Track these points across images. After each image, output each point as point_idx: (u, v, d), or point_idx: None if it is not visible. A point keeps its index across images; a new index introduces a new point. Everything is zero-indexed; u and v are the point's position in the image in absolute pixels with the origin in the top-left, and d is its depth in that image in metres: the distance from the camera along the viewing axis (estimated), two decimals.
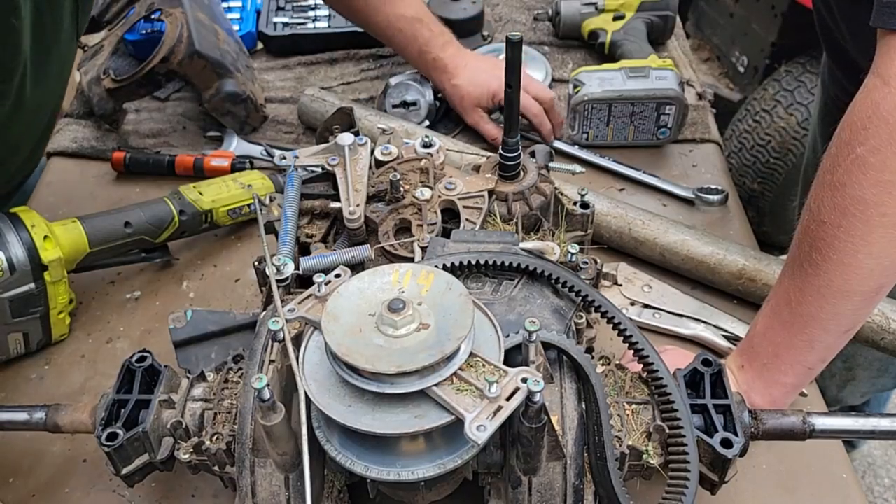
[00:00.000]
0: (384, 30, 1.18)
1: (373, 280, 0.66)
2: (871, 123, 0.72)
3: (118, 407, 0.78)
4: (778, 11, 2.42)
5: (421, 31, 1.19)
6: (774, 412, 0.78)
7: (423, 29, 1.19)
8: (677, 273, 1.12)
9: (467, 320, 0.61)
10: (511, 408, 0.59)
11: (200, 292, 1.15)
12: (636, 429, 0.75)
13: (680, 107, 1.29)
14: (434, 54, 1.21)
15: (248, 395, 0.72)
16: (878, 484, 2.20)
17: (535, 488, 0.69)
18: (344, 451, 0.64)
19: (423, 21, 1.19)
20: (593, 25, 1.50)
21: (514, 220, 0.88)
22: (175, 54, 1.27)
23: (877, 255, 0.75)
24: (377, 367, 0.58)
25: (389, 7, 1.16)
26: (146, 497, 0.90)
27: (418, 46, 1.19)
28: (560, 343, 0.72)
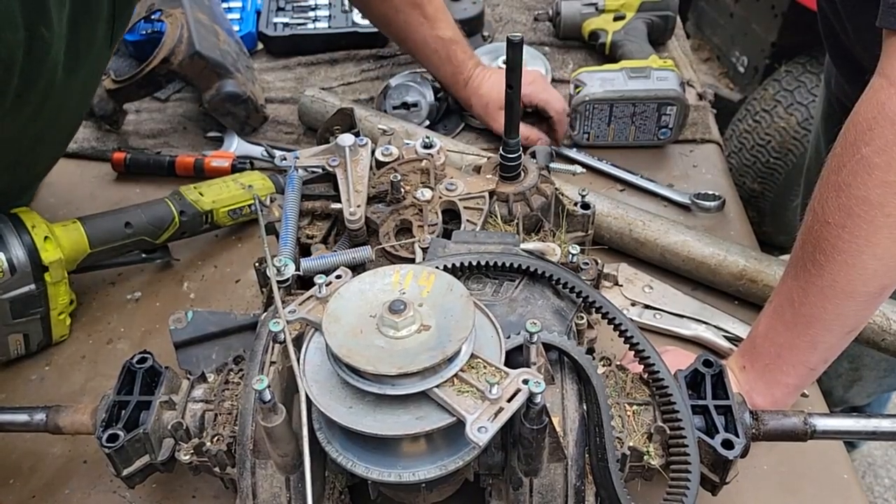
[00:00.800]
0: (421, 48, 1.22)
1: (374, 281, 0.66)
2: (876, 124, 0.72)
3: (119, 408, 0.78)
4: (778, 11, 2.43)
5: (456, 53, 1.24)
6: (775, 413, 0.78)
7: (458, 51, 1.24)
8: (678, 274, 1.11)
9: (468, 321, 0.61)
10: (512, 409, 0.59)
11: (201, 293, 1.15)
12: (637, 430, 0.75)
13: (681, 107, 1.29)
14: (466, 75, 1.26)
15: (248, 396, 0.72)
16: (878, 484, 2.20)
17: (536, 489, 0.69)
18: (345, 452, 0.64)
19: (459, 44, 1.24)
20: (594, 26, 1.50)
21: (515, 220, 0.88)
22: (175, 55, 1.27)
23: (881, 255, 0.75)
24: (378, 369, 0.58)
25: (427, 28, 1.20)
26: (147, 498, 0.90)
27: (452, 68, 1.25)
28: (561, 344, 0.72)
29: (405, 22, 1.19)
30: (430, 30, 1.20)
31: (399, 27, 1.21)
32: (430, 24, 1.20)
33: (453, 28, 1.23)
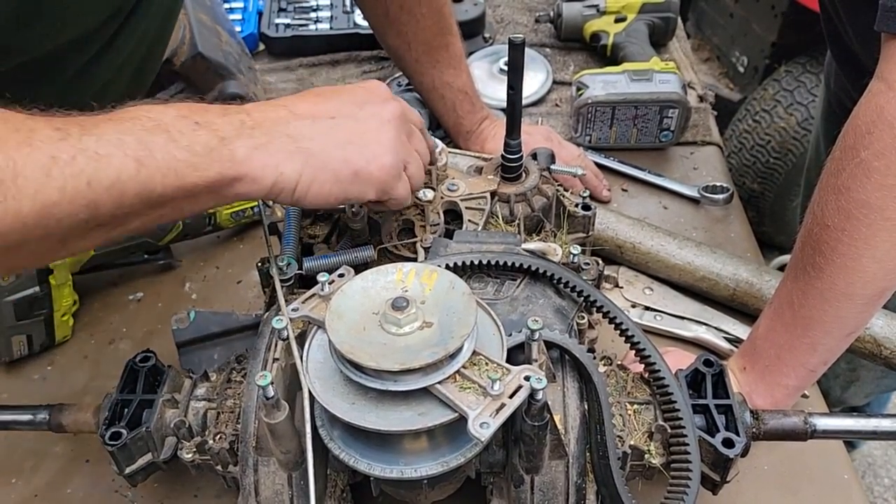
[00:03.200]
0: (428, 91, 1.19)
1: (376, 279, 0.67)
2: (875, 128, 0.73)
3: (121, 406, 0.78)
4: (778, 11, 2.43)
5: (463, 103, 1.20)
6: (776, 412, 0.78)
7: (465, 102, 1.20)
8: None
9: (470, 318, 0.61)
10: (514, 405, 0.59)
11: (203, 294, 1.15)
12: (638, 428, 0.75)
13: (683, 110, 1.29)
14: (468, 128, 1.23)
15: (251, 393, 0.72)
16: (878, 484, 2.20)
17: (537, 487, 0.69)
18: (347, 448, 0.65)
19: (468, 95, 1.20)
20: (595, 27, 1.51)
21: (517, 221, 0.88)
22: (177, 56, 1.27)
23: (880, 258, 0.76)
24: (381, 365, 0.58)
25: (437, 72, 1.17)
26: (149, 497, 0.90)
27: (456, 118, 1.22)
28: (562, 342, 0.72)
29: (416, 61, 1.16)
30: (440, 74, 1.17)
31: (409, 64, 1.19)
32: (440, 69, 1.17)
33: (465, 77, 1.20)
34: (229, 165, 0.63)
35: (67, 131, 0.57)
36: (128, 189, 0.58)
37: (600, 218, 1.11)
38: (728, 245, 1.18)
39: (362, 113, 0.72)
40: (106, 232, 0.61)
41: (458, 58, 1.18)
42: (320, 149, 0.68)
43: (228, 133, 0.64)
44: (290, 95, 0.72)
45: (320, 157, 0.67)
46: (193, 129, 0.62)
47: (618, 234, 1.12)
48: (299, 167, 0.66)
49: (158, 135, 0.60)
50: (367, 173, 0.70)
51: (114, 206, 0.59)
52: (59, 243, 0.59)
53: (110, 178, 0.57)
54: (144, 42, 1.02)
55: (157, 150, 0.60)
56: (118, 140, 0.58)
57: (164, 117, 0.62)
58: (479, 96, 1.23)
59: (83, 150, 0.57)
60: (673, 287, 1.11)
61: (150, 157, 0.59)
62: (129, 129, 0.60)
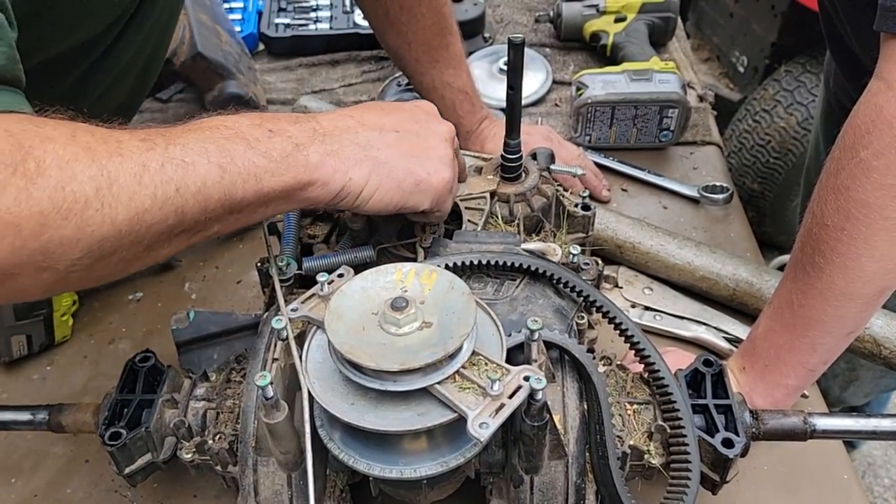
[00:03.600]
0: (428, 91, 1.20)
1: (376, 279, 0.67)
2: (874, 127, 0.73)
3: (121, 406, 0.78)
4: (778, 11, 2.43)
5: (462, 103, 1.21)
6: (775, 412, 0.78)
7: (465, 102, 1.21)
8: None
9: (470, 318, 0.61)
10: (513, 405, 0.59)
11: (202, 294, 1.15)
12: (637, 429, 0.75)
13: (683, 110, 1.29)
14: (468, 128, 1.24)
15: (250, 393, 0.72)
16: (878, 484, 2.20)
17: (536, 487, 0.69)
18: (346, 449, 0.65)
19: (468, 95, 1.20)
20: (595, 27, 1.50)
21: (516, 221, 0.88)
22: (177, 56, 1.27)
23: (879, 258, 0.76)
24: (380, 365, 0.58)
25: (437, 72, 1.17)
26: (148, 497, 0.90)
27: (456, 117, 1.21)
28: (562, 342, 0.72)
29: (416, 61, 1.16)
30: (440, 74, 1.17)
31: (409, 64, 1.19)
32: (440, 69, 1.17)
33: (465, 77, 1.20)
34: (304, 170, 0.66)
35: (153, 141, 0.60)
36: (212, 195, 0.62)
37: (600, 218, 1.11)
38: (728, 245, 1.18)
39: (423, 129, 0.76)
40: (188, 237, 0.64)
41: (458, 57, 1.18)
42: (387, 158, 0.71)
43: (302, 140, 0.67)
44: (355, 106, 0.76)
45: (387, 166, 0.71)
46: (269, 137, 0.65)
47: (617, 234, 1.12)
48: (367, 174, 0.69)
49: (238, 142, 0.64)
50: (428, 184, 0.73)
51: (199, 211, 0.62)
52: (146, 250, 0.61)
53: (196, 185, 0.61)
54: (149, 43, 1.03)
55: (237, 156, 0.63)
56: (202, 148, 0.62)
57: (240, 126, 0.65)
58: (479, 96, 1.23)
59: (170, 158, 0.60)
60: (672, 287, 1.11)
61: (231, 164, 0.62)
62: (210, 138, 0.63)
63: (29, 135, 0.56)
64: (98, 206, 0.56)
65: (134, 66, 1.03)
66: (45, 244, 0.55)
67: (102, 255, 0.58)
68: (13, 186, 0.53)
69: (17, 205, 0.53)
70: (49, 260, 0.56)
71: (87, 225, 0.56)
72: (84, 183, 0.56)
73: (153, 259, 0.64)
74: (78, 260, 0.57)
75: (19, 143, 0.55)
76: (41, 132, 0.57)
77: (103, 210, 0.56)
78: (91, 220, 0.56)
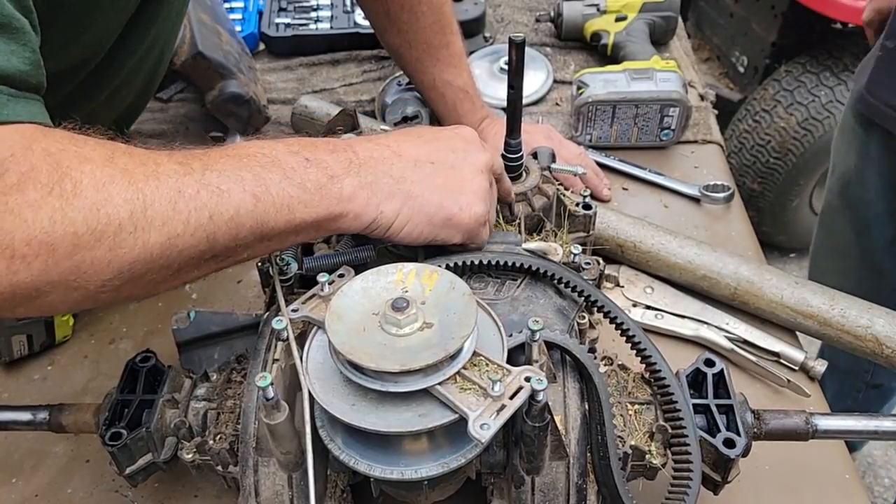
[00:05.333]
0: (428, 90, 1.20)
1: (377, 279, 0.67)
2: None
3: (122, 407, 0.78)
4: (778, 11, 2.43)
5: (463, 102, 1.20)
6: (777, 412, 0.78)
7: (466, 101, 1.21)
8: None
9: (470, 319, 0.61)
10: (514, 406, 0.59)
11: (203, 294, 1.15)
12: (639, 429, 0.75)
13: (683, 109, 1.29)
14: (469, 127, 1.23)
15: (251, 393, 0.72)
16: (878, 484, 2.20)
17: (538, 488, 0.69)
18: (347, 449, 0.65)
19: (468, 94, 1.20)
20: (595, 27, 1.50)
21: (517, 220, 0.88)
22: (178, 55, 1.27)
23: None
24: (381, 366, 0.58)
25: (438, 71, 1.17)
26: (149, 497, 0.90)
27: (456, 116, 1.22)
28: (563, 342, 0.72)
29: (416, 60, 1.16)
30: (441, 73, 1.17)
31: (409, 63, 1.19)
32: (440, 68, 1.17)
33: (466, 76, 1.20)
34: (336, 203, 0.67)
35: (190, 166, 0.61)
36: (244, 223, 0.62)
37: (601, 217, 1.11)
38: (729, 244, 1.18)
39: (459, 160, 0.75)
40: (217, 263, 0.65)
41: (459, 56, 1.18)
42: (419, 192, 0.71)
43: (337, 171, 0.67)
44: (393, 134, 0.76)
45: (418, 201, 0.71)
46: (305, 167, 0.66)
47: (618, 233, 1.11)
48: (398, 207, 0.70)
49: (274, 171, 0.64)
50: (459, 220, 0.73)
51: (230, 238, 0.62)
52: (174, 274, 0.62)
53: (230, 213, 0.61)
54: (156, 45, 1.03)
55: (272, 186, 0.63)
56: (237, 176, 0.62)
57: (277, 154, 0.65)
58: (479, 95, 1.23)
59: (206, 184, 0.61)
60: (674, 286, 1.11)
61: (266, 194, 0.63)
62: (247, 166, 0.63)
63: (68, 155, 0.57)
64: (131, 230, 0.57)
65: (141, 68, 1.03)
66: (78, 264, 0.56)
67: (132, 277, 0.59)
68: (49, 206, 0.54)
69: (52, 225, 0.54)
70: (80, 280, 0.57)
71: (120, 247, 0.57)
72: (119, 206, 0.56)
73: (181, 282, 0.64)
74: (108, 281, 0.58)
75: (57, 163, 0.56)
76: (80, 152, 0.57)
77: (136, 234, 0.57)
78: (123, 242, 0.57)
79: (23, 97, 0.60)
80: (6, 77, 0.58)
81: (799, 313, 1.02)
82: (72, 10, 0.79)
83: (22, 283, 0.55)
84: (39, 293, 0.56)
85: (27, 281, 0.55)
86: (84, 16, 0.83)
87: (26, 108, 0.60)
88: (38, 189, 0.54)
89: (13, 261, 0.54)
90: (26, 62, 0.60)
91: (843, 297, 1.02)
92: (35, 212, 0.54)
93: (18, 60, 0.59)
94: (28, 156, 0.55)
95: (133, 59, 0.98)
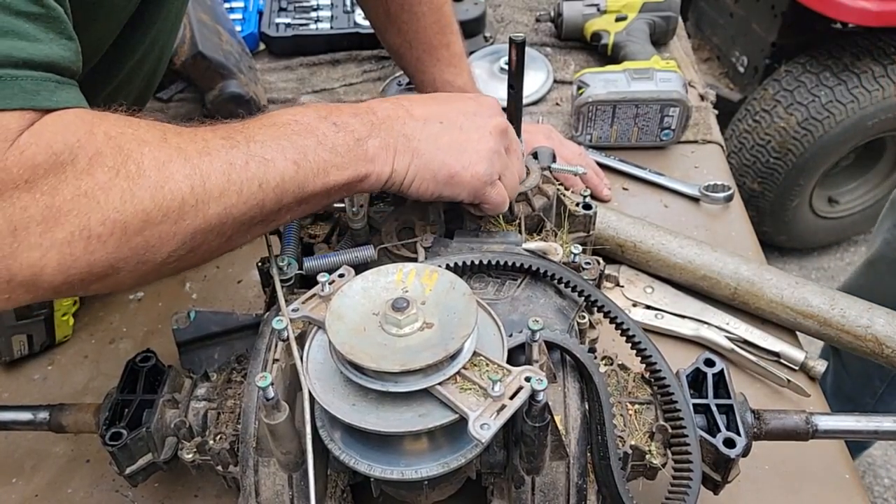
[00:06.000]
0: (428, 89, 1.19)
1: (377, 279, 0.67)
2: None
3: (122, 406, 0.78)
4: (778, 11, 2.43)
5: None
6: (777, 412, 0.78)
7: None
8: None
9: (471, 319, 0.61)
10: (515, 406, 0.59)
11: (203, 294, 1.15)
12: (639, 429, 0.75)
13: (684, 109, 1.29)
14: None
15: (251, 393, 0.72)
16: (878, 484, 2.19)
17: (538, 488, 0.69)
18: (347, 449, 0.65)
19: (469, 93, 1.19)
20: (596, 27, 1.50)
21: (517, 220, 0.88)
22: (178, 55, 1.27)
23: None
24: (381, 366, 0.58)
25: (438, 71, 1.17)
26: (149, 497, 0.90)
27: None
28: (563, 342, 0.72)
29: (416, 59, 1.16)
30: (440, 73, 1.16)
31: (409, 63, 1.18)
32: (440, 67, 1.17)
33: (466, 76, 1.20)
34: (363, 164, 0.71)
35: (235, 139, 0.65)
36: (288, 189, 0.66)
37: (601, 217, 1.11)
38: (729, 244, 1.18)
39: (468, 123, 0.77)
40: (262, 227, 0.69)
41: (459, 56, 1.18)
42: (425, 149, 0.74)
43: (362, 133, 0.71)
44: (412, 95, 0.80)
45: (424, 157, 0.74)
46: (335, 132, 0.69)
47: (619, 233, 1.11)
48: (407, 164, 0.73)
49: (309, 138, 0.68)
50: (461, 178, 0.75)
51: (275, 203, 0.66)
52: (227, 240, 0.66)
53: (276, 180, 0.65)
54: (156, 45, 1.03)
55: (309, 152, 0.67)
56: (278, 145, 0.66)
57: (308, 121, 0.69)
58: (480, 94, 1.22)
59: (253, 155, 0.64)
60: (674, 286, 1.11)
61: (304, 160, 0.67)
62: (284, 135, 0.67)
63: (127, 138, 0.60)
64: (193, 203, 0.61)
65: (141, 68, 1.03)
66: (147, 239, 0.60)
67: (193, 247, 0.63)
68: (118, 188, 0.58)
69: (122, 204, 0.58)
70: (149, 253, 0.61)
71: (183, 220, 0.61)
72: (180, 182, 0.60)
73: (230, 248, 0.68)
74: (173, 252, 0.62)
75: (119, 147, 0.59)
76: (137, 134, 0.61)
77: (197, 206, 0.61)
78: (186, 215, 0.61)
79: (67, 83, 0.62)
80: (51, 65, 0.60)
81: (799, 313, 1.02)
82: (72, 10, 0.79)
83: (98, 262, 0.58)
84: (113, 270, 0.60)
85: (103, 259, 0.58)
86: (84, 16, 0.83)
87: (73, 94, 0.62)
88: (106, 172, 0.57)
89: (90, 241, 0.57)
90: (66, 49, 0.62)
91: (843, 296, 1.02)
92: (106, 193, 0.57)
93: (59, 48, 0.61)
94: (93, 140, 0.58)
95: (133, 59, 0.99)
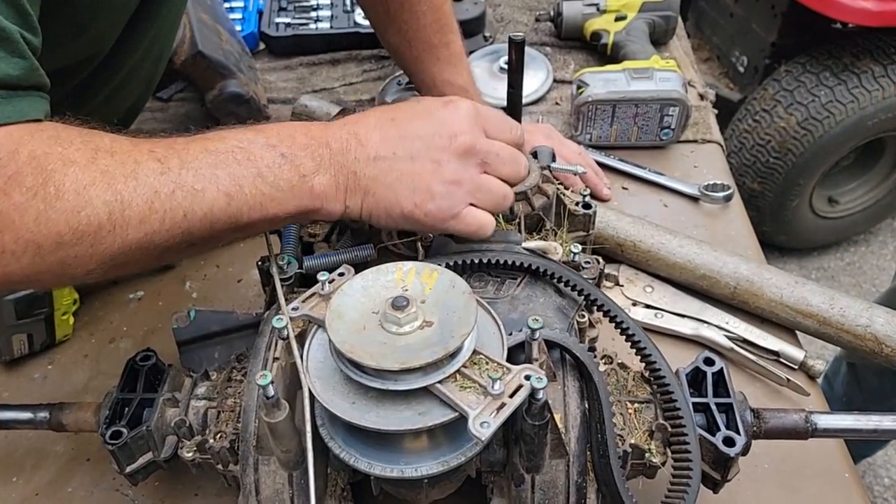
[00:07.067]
0: (428, 89, 1.19)
1: (376, 278, 0.67)
2: None
3: (122, 405, 0.78)
4: (778, 11, 2.43)
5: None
6: (777, 411, 0.78)
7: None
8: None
9: (470, 318, 0.61)
10: (514, 404, 0.59)
11: (203, 293, 1.15)
12: (638, 427, 0.75)
13: (683, 108, 1.29)
14: None
15: (251, 392, 0.72)
16: (878, 484, 2.20)
17: (538, 486, 0.69)
18: (347, 448, 0.65)
19: (468, 93, 1.18)
20: (595, 26, 1.50)
21: (517, 219, 0.88)
22: (178, 55, 1.27)
23: None
24: (381, 364, 0.58)
25: (438, 70, 1.16)
26: (149, 496, 0.90)
27: None
28: (563, 341, 0.72)
29: (416, 59, 1.16)
30: (440, 72, 1.16)
31: (409, 62, 1.18)
32: (440, 67, 1.16)
33: (466, 75, 1.19)
34: (308, 200, 0.70)
35: (168, 164, 0.64)
36: (218, 219, 0.66)
37: (601, 216, 1.11)
38: (728, 243, 1.18)
39: (423, 151, 0.72)
40: (197, 249, 0.69)
41: (459, 56, 1.18)
42: (374, 187, 0.72)
43: (308, 169, 0.69)
44: (371, 113, 0.75)
45: (376, 196, 0.72)
46: (280, 164, 0.68)
47: (618, 232, 1.12)
48: (359, 201, 0.72)
49: (249, 168, 0.67)
50: (415, 216, 0.73)
51: (205, 231, 0.66)
52: (156, 258, 0.67)
53: (203, 211, 0.65)
54: (155, 46, 1.03)
55: (246, 185, 0.66)
56: (212, 175, 0.65)
57: (253, 148, 0.68)
58: (479, 95, 1.22)
59: (181, 185, 0.64)
60: (673, 285, 1.11)
61: (239, 193, 0.66)
62: (223, 162, 0.66)
63: (52, 158, 0.60)
64: (110, 229, 0.61)
65: (141, 68, 1.03)
66: (62, 259, 0.61)
67: (114, 266, 0.64)
68: (34, 209, 0.58)
69: (36, 226, 0.58)
70: (66, 271, 0.62)
71: (100, 244, 0.61)
72: (98, 208, 0.60)
73: (164, 262, 0.70)
74: (92, 271, 0.63)
75: (42, 167, 0.59)
76: (64, 154, 0.60)
77: (115, 232, 0.61)
78: (103, 240, 0.61)
79: (15, 96, 0.62)
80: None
81: (798, 312, 1.02)
82: (72, 10, 0.79)
83: (14, 274, 0.60)
84: (31, 281, 0.62)
85: (18, 272, 0.60)
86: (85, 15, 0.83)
87: (18, 107, 0.62)
88: (23, 193, 0.58)
89: (4, 255, 0.59)
90: (15, 67, 0.62)
91: (843, 296, 1.02)
92: (21, 214, 0.58)
93: (7, 66, 0.61)
94: (14, 159, 0.58)
95: (133, 59, 0.99)
